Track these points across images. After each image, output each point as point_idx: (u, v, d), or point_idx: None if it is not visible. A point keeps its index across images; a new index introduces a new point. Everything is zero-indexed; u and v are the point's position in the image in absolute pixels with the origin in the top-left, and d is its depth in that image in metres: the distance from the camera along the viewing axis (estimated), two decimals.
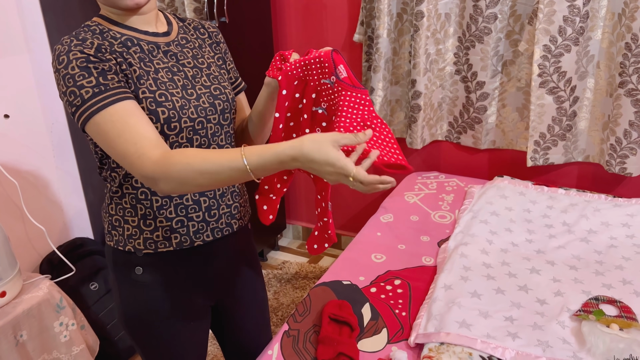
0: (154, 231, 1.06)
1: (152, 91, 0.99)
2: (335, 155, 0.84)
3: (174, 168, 0.87)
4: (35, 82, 1.93)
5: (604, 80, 1.92)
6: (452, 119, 2.26)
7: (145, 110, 0.97)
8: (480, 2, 1.97)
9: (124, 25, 1.03)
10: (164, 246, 1.07)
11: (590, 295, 1.36)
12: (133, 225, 1.06)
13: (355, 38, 2.29)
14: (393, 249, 1.68)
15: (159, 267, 1.09)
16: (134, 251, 1.07)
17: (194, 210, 1.08)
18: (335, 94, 1.02)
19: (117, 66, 0.96)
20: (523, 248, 1.61)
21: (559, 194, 1.93)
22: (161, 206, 1.05)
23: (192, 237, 1.09)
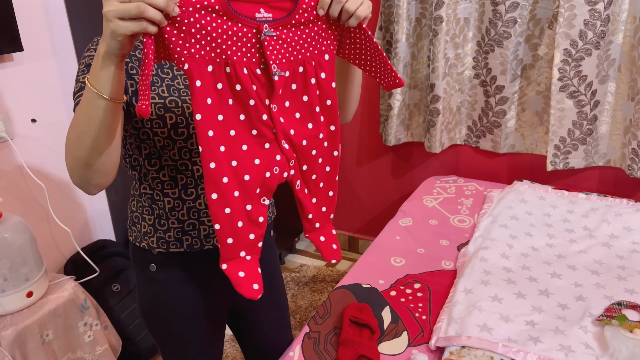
0: (167, 231, 1.09)
1: (162, 97, 1.01)
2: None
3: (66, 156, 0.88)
4: (61, 86, 1.98)
5: (625, 84, 1.91)
6: (470, 123, 2.26)
7: (153, 115, 0.99)
8: (499, 6, 1.97)
9: None
10: (176, 247, 1.10)
11: (612, 300, 1.35)
12: (149, 223, 1.10)
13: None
14: (412, 253, 1.69)
15: (171, 266, 1.12)
16: (148, 248, 1.11)
17: (206, 215, 1.09)
18: (280, 42, 0.79)
19: (128, 71, 0.98)
20: (544, 252, 1.61)
21: (579, 198, 1.92)
22: (173, 207, 1.08)
23: (203, 240, 1.10)
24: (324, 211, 0.93)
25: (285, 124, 0.84)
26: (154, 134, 1.02)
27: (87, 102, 0.80)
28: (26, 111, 1.86)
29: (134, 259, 1.16)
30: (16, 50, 1.75)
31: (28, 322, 1.57)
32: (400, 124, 2.31)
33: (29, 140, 1.88)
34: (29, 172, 1.83)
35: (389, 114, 2.27)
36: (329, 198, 0.93)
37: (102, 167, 0.88)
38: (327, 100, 0.86)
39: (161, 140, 1.03)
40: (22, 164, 1.83)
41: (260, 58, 0.78)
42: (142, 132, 1.02)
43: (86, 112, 0.81)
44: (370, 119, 2.50)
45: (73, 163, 0.87)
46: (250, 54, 0.78)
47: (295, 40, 0.80)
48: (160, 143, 1.03)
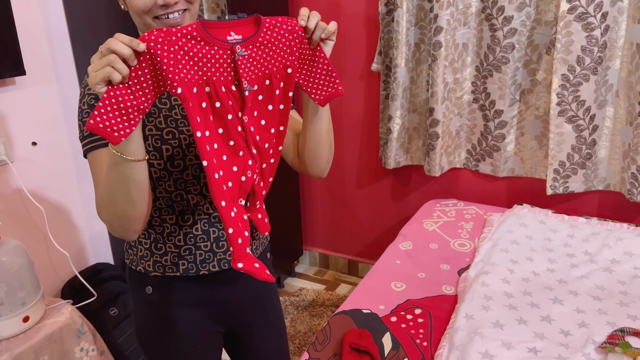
0: (163, 255, 1.09)
1: (159, 129, 1.01)
2: None
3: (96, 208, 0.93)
4: (63, 110, 1.99)
5: (623, 109, 1.92)
6: (470, 147, 2.27)
7: (151, 147, 1.01)
8: (497, 32, 2.00)
9: None
10: (172, 271, 1.10)
11: (615, 326, 1.34)
12: (145, 247, 1.10)
13: (374, 67, 2.33)
14: (413, 278, 1.68)
15: (167, 289, 1.11)
16: (144, 272, 1.11)
17: (202, 240, 1.09)
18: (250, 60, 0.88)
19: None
20: (545, 277, 1.60)
21: (579, 222, 1.92)
22: (170, 233, 1.08)
23: (199, 265, 1.10)
24: (264, 193, 1.02)
25: (254, 132, 0.93)
26: (150, 165, 1.02)
27: (112, 164, 0.85)
28: (27, 134, 1.87)
29: (131, 281, 1.16)
30: (19, 74, 1.76)
31: (24, 348, 1.55)
32: (400, 147, 2.32)
33: (29, 163, 1.88)
34: (28, 195, 1.83)
35: (389, 137, 2.28)
36: (269, 183, 1.01)
37: (139, 215, 0.92)
38: (281, 105, 0.95)
39: (157, 172, 1.03)
40: (21, 187, 1.83)
41: (235, 75, 0.87)
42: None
43: (114, 172, 0.85)
44: (370, 142, 2.51)
45: (111, 218, 0.91)
46: (226, 72, 0.86)
47: (262, 57, 0.89)
48: (156, 175, 1.04)
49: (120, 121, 0.78)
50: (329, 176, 2.70)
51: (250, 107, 0.90)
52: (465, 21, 2.07)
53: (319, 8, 2.40)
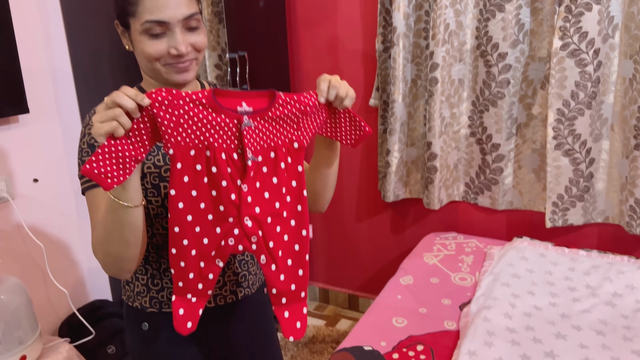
0: (160, 291, 1.10)
1: (158, 166, 1.03)
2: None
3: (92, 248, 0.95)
4: (64, 147, 2.01)
5: (618, 142, 1.95)
6: (468, 180, 2.29)
7: (148, 184, 1.02)
8: (492, 68, 2.04)
9: None
10: (168, 307, 1.10)
11: None
12: (142, 283, 1.10)
13: (371, 103, 2.36)
14: (414, 313, 1.66)
15: (163, 325, 1.11)
16: (141, 308, 1.11)
17: None
18: (257, 132, 0.90)
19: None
20: (547, 312, 1.58)
21: (580, 255, 1.91)
22: (167, 269, 1.09)
23: None
24: (293, 289, 0.96)
25: (252, 202, 0.92)
26: (148, 202, 1.04)
27: (109, 207, 0.88)
28: (28, 171, 1.88)
29: (127, 318, 1.16)
30: (22, 112, 1.79)
31: None
32: (399, 181, 2.34)
33: (30, 200, 1.89)
34: (28, 232, 1.83)
35: (387, 170, 2.30)
36: (299, 277, 0.96)
37: (132, 256, 0.94)
38: (293, 181, 0.94)
39: (155, 209, 1.04)
40: (21, 223, 1.83)
41: (239, 144, 0.90)
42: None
43: (110, 215, 0.89)
44: (369, 175, 2.53)
45: (105, 258, 0.94)
46: (230, 140, 0.89)
47: (269, 130, 0.91)
48: (154, 211, 1.05)
49: (115, 169, 0.81)
50: (329, 210, 2.70)
51: (253, 178, 0.91)
52: (460, 57, 2.11)
53: (318, 45, 2.46)
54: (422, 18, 2.14)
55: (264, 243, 0.94)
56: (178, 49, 0.97)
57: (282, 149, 0.92)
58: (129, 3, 0.96)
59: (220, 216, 0.91)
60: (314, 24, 2.45)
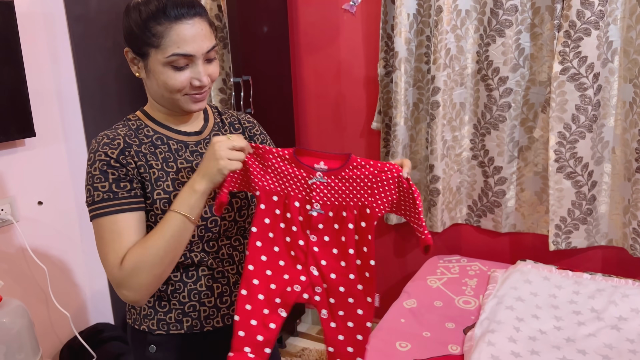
0: (168, 313, 1.10)
1: (167, 192, 1.05)
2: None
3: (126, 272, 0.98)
4: (70, 170, 2.02)
5: (620, 165, 1.96)
6: (471, 203, 2.29)
7: (159, 210, 1.04)
8: (493, 92, 2.06)
9: (159, 123, 1.11)
10: (176, 328, 1.11)
11: None
12: (149, 305, 1.11)
13: (374, 126, 2.38)
14: (418, 337, 1.65)
15: (171, 347, 1.11)
16: (148, 331, 1.11)
17: (207, 296, 1.11)
18: (328, 188, 1.01)
19: (136, 170, 1.03)
20: (552, 336, 1.57)
21: (584, 278, 1.90)
22: (175, 290, 1.09)
23: (203, 322, 1.11)
24: (350, 352, 1.00)
25: (318, 253, 1.00)
26: None
27: (176, 227, 0.98)
28: (33, 193, 1.90)
29: (133, 341, 1.16)
30: (28, 136, 1.81)
31: None
32: None
33: (34, 223, 1.90)
34: (31, 254, 1.83)
35: None
36: (357, 341, 1.00)
37: (166, 276, 1.02)
38: (364, 247, 0.99)
39: None
40: (25, 246, 1.83)
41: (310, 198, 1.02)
42: (147, 225, 1.05)
43: (174, 235, 0.98)
44: None
45: (151, 283, 0.99)
46: (305, 192, 1.01)
47: (342, 189, 1.01)
48: None
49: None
50: None
51: (322, 230, 1.01)
52: (461, 82, 2.14)
53: (321, 70, 2.49)
54: (423, 43, 2.18)
55: (327, 297, 0.99)
56: (201, 80, 1.02)
57: (352, 210, 1.01)
58: (152, 35, 0.98)
59: (290, 262, 1.00)
60: (317, 49, 2.48)
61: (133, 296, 1.00)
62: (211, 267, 1.11)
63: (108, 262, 0.99)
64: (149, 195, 1.04)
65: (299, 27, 2.50)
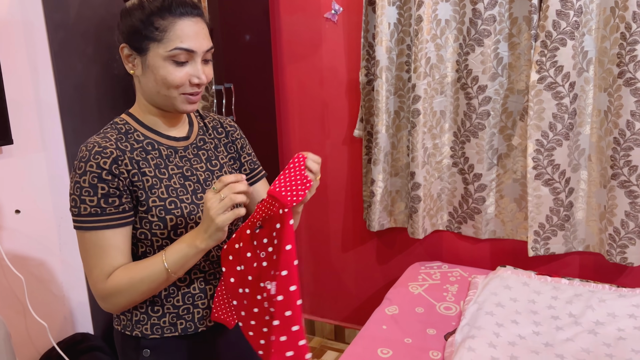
0: (161, 317, 1.11)
1: (162, 199, 1.05)
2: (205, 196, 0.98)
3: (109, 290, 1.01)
4: (49, 179, 2.00)
5: (596, 172, 2.00)
6: (451, 209, 2.31)
7: (155, 217, 1.04)
8: (473, 100, 2.09)
9: (148, 127, 1.11)
10: (170, 331, 1.11)
11: None
12: (142, 311, 1.10)
13: (356, 133, 2.40)
14: (399, 343, 1.66)
15: (165, 350, 1.12)
16: (141, 336, 1.11)
17: (200, 298, 1.13)
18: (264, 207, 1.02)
19: (128, 179, 1.03)
20: (531, 341, 1.59)
21: (562, 284, 1.93)
22: (169, 294, 1.10)
23: (197, 323, 1.13)
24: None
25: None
26: (153, 234, 1.05)
27: (158, 276, 1.00)
28: (11, 202, 1.87)
29: (124, 347, 1.15)
30: (6, 144, 1.78)
31: None
32: (383, 210, 2.35)
33: (11, 232, 1.87)
34: (8, 264, 1.80)
35: (372, 200, 2.32)
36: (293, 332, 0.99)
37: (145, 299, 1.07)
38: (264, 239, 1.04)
39: (159, 241, 1.06)
40: (2, 255, 1.80)
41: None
42: (140, 232, 1.05)
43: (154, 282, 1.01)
44: (354, 205, 2.54)
45: (128, 304, 1.04)
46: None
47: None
48: (158, 243, 1.06)
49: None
50: (314, 240, 2.70)
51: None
52: (441, 90, 2.17)
53: (303, 78, 2.51)
54: (404, 52, 2.20)
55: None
56: (200, 77, 1.03)
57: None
58: (155, 29, 1.00)
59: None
60: (299, 57, 2.50)
61: (109, 309, 1.05)
62: (203, 270, 1.13)
63: (92, 276, 1.02)
64: (144, 203, 1.04)
65: (282, 35, 2.51)
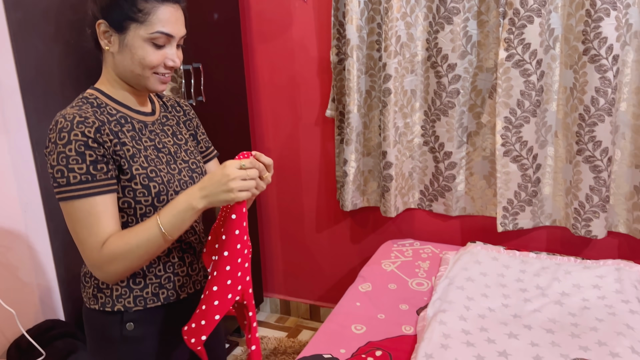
0: (144, 288, 1.15)
1: (144, 167, 1.10)
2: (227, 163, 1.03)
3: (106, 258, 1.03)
4: (12, 163, 1.94)
5: (562, 148, 2.04)
6: (423, 188, 2.34)
7: (138, 185, 1.09)
8: (442, 79, 2.11)
9: (119, 102, 1.14)
10: (153, 302, 1.16)
11: (568, 358, 1.37)
12: (122, 285, 1.13)
13: (328, 113, 2.39)
14: (373, 319, 1.68)
15: (149, 321, 1.16)
16: (124, 310, 1.14)
17: (180, 266, 1.19)
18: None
19: (112, 148, 1.06)
20: (500, 313, 1.63)
21: (530, 257, 1.99)
22: (150, 265, 1.15)
23: (178, 290, 1.19)
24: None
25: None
26: (137, 202, 1.10)
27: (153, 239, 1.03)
28: None
29: (103, 327, 1.16)
30: None
31: None
32: (356, 190, 2.37)
33: None
34: None
35: (345, 180, 2.32)
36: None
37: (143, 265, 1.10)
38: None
39: (143, 208, 1.10)
40: None
41: None
42: (123, 201, 1.09)
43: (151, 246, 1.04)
44: (327, 185, 2.55)
45: (126, 271, 1.06)
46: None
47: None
48: (141, 211, 1.10)
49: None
50: (288, 220, 2.70)
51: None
52: (412, 69, 2.17)
53: (274, 58, 2.48)
54: (374, 30, 2.20)
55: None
56: (174, 60, 1.10)
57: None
58: (138, 10, 1.04)
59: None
60: (269, 37, 2.46)
61: (106, 278, 1.07)
62: (179, 240, 1.19)
63: (87, 245, 1.03)
64: (127, 171, 1.08)
65: (251, 14, 2.47)
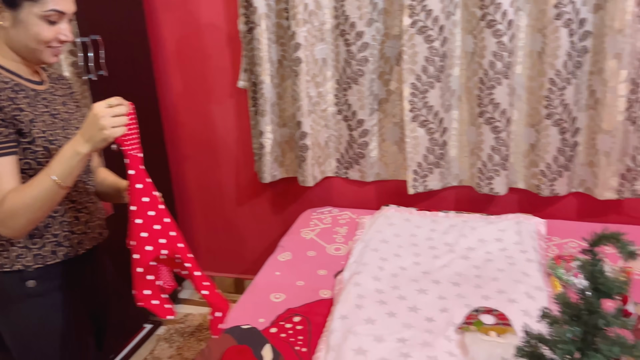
0: (42, 247, 1.22)
1: (43, 131, 1.19)
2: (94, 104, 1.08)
3: (6, 213, 1.09)
4: None
5: (466, 111, 2.14)
6: (339, 156, 2.38)
7: (39, 147, 1.17)
8: (351, 47, 2.13)
9: (11, 71, 1.20)
10: (52, 259, 1.24)
11: (471, 307, 1.48)
12: (20, 245, 1.20)
13: (240, 84, 2.36)
14: (292, 287, 1.72)
15: (50, 277, 1.25)
16: (23, 269, 1.21)
17: (76, 225, 1.28)
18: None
19: (10, 113, 1.13)
20: (411, 271, 1.72)
21: (440, 217, 2.09)
22: (46, 225, 1.22)
23: (77, 247, 1.29)
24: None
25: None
26: (39, 163, 1.17)
27: (48, 191, 1.09)
28: None
29: (5, 285, 1.22)
30: None
31: None
32: (274, 161, 2.37)
33: None
34: None
35: (262, 152, 2.31)
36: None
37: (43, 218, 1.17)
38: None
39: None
40: None
41: None
42: (25, 162, 1.16)
43: (46, 198, 1.09)
44: (245, 158, 2.53)
45: (28, 224, 1.11)
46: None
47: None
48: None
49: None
50: (207, 196, 2.66)
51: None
52: (321, 37, 2.18)
53: (181, 28, 2.39)
54: None
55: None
56: (67, 35, 1.19)
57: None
58: None
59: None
60: (174, 6, 2.36)
61: (11, 234, 1.12)
62: (73, 200, 1.28)
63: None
64: (27, 134, 1.15)
65: None
